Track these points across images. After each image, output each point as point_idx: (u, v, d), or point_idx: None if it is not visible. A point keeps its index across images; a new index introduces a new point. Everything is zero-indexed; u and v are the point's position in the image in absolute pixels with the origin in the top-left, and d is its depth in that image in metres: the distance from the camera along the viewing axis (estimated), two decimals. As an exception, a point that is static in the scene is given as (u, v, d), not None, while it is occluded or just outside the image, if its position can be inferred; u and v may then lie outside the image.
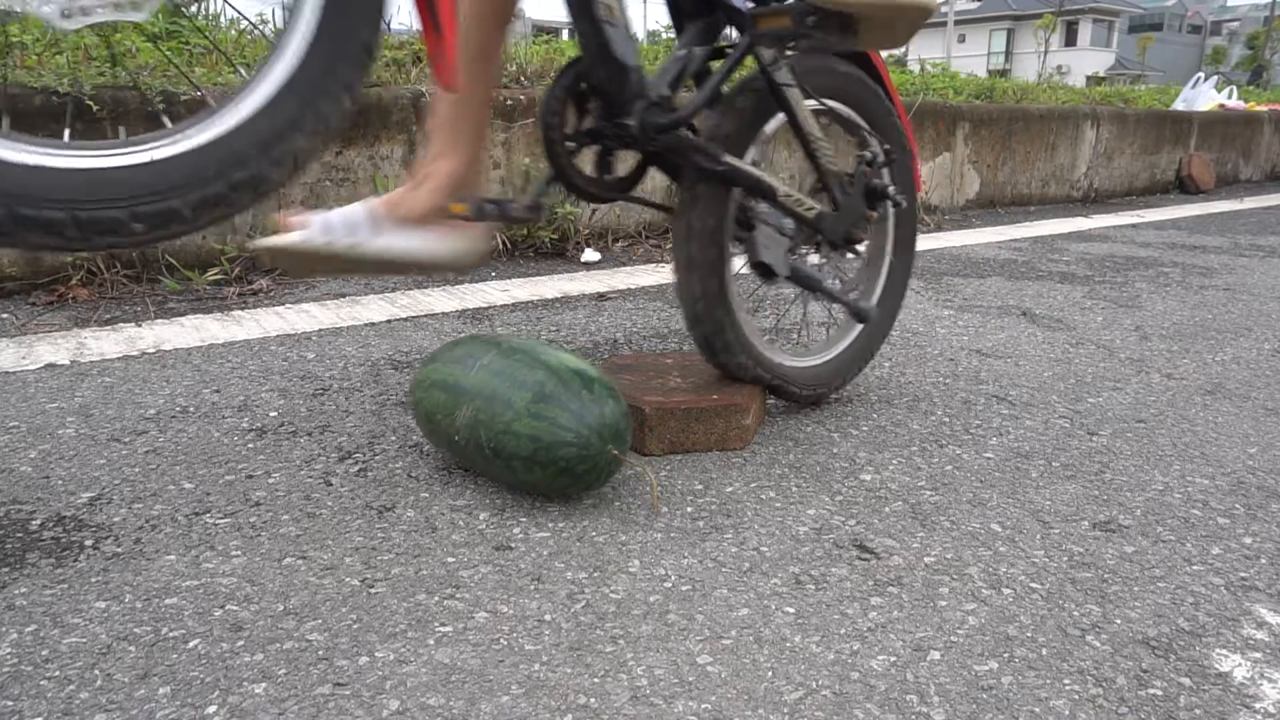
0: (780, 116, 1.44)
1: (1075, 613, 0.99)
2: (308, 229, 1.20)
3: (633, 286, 2.69)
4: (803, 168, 4.00)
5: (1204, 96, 7.63)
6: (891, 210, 1.67)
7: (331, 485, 1.27)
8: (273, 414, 1.55)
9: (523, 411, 1.13)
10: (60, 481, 1.27)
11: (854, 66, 1.53)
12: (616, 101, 1.27)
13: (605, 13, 1.21)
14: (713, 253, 1.36)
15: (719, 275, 1.38)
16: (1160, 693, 0.86)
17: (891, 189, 1.51)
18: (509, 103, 3.06)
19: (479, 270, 2.86)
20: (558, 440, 1.11)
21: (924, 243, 3.73)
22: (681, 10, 1.43)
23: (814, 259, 1.52)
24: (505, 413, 1.14)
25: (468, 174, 1.37)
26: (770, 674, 0.88)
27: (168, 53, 2.72)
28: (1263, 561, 1.12)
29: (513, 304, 2.42)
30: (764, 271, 1.35)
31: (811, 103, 1.46)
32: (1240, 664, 0.91)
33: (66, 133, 2.28)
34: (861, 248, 1.58)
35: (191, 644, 0.90)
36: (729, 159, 1.34)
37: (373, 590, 1.01)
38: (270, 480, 1.29)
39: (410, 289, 2.55)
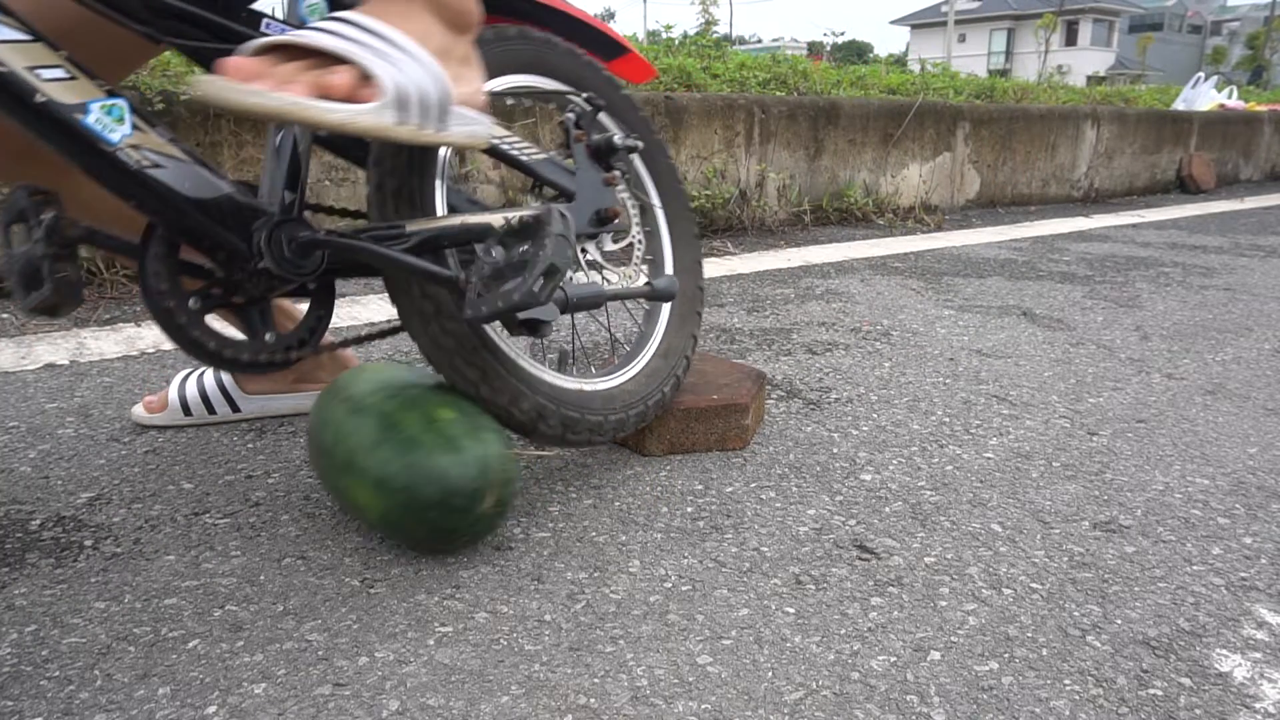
0: None
1: (1076, 613, 0.99)
2: (375, 102, 0.80)
3: (633, 286, 2.69)
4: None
5: (1204, 96, 7.63)
6: (637, 159, 1.44)
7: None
8: (273, 414, 1.54)
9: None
10: (60, 482, 1.27)
11: (501, 25, 1.25)
12: (228, 245, 0.95)
13: (137, 159, 0.86)
14: (459, 339, 1.09)
15: (477, 346, 1.12)
16: (1160, 693, 0.86)
17: (617, 136, 1.27)
18: (509, 102, 3.05)
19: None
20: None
21: (924, 243, 3.73)
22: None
23: (590, 253, 1.34)
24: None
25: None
26: (770, 674, 0.87)
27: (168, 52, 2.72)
28: (1263, 561, 1.12)
29: (513, 304, 2.41)
30: (532, 329, 1.03)
31: None
32: (1240, 664, 0.91)
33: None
34: (629, 220, 1.37)
35: (191, 644, 0.90)
36: (417, 225, 1.02)
37: (373, 590, 1.01)
38: (270, 480, 1.29)
39: (410, 289, 2.54)
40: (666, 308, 1.45)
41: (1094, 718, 0.82)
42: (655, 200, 1.47)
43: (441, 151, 1.13)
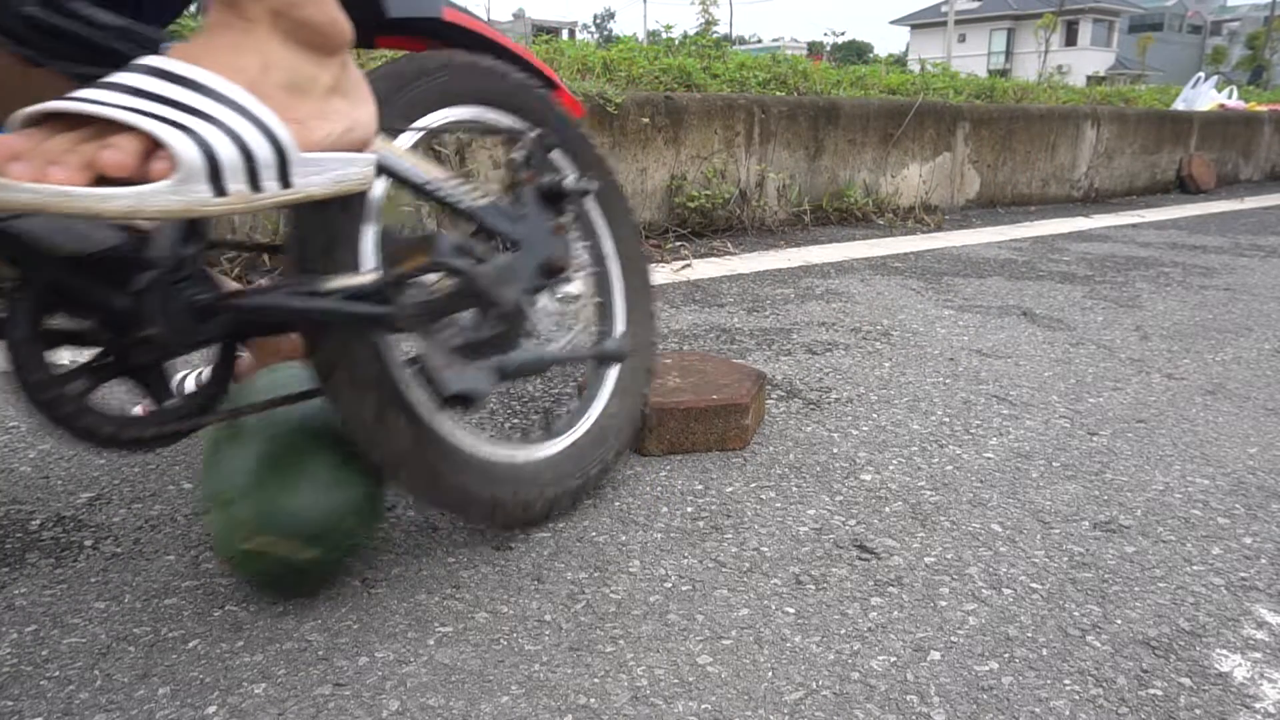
0: (380, 181, 0.99)
1: (1075, 613, 0.99)
2: (169, 179, 0.63)
3: (633, 286, 2.69)
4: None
5: (1204, 96, 7.64)
6: (591, 201, 1.33)
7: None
8: (273, 414, 1.54)
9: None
10: (60, 482, 1.27)
11: (448, 53, 1.12)
12: (108, 308, 0.81)
13: None
14: (381, 406, 0.97)
15: (401, 416, 0.99)
16: (1160, 693, 0.86)
17: (569, 178, 1.15)
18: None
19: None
20: None
21: (924, 243, 3.73)
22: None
23: (543, 304, 1.18)
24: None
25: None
26: (770, 674, 0.87)
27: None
28: (1263, 561, 1.12)
29: (513, 304, 2.41)
30: (465, 402, 0.94)
31: (409, 137, 1.06)
32: (1240, 664, 0.91)
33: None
34: (576, 273, 1.22)
35: (191, 644, 0.90)
36: (338, 282, 0.88)
37: (373, 590, 1.01)
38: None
39: (410, 289, 2.54)
40: (616, 366, 1.33)
41: (1094, 718, 0.82)
42: (609, 247, 1.36)
43: (375, 189, 0.99)
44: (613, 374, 1.32)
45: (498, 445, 1.12)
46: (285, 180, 0.71)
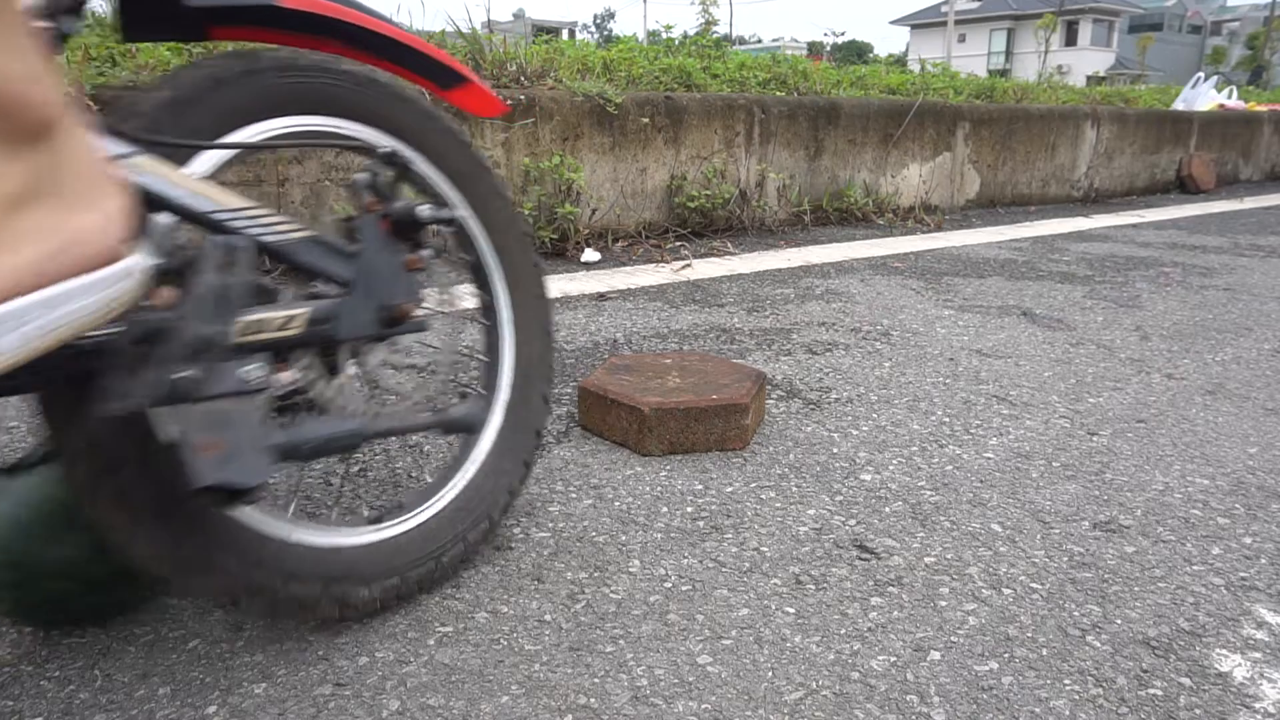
0: (163, 218, 0.77)
1: (1075, 613, 0.99)
2: None
3: (633, 286, 2.69)
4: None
5: (1204, 96, 7.63)
6: (478, 232, 1.12)
7: (332, 485, 1.27)
8: (273, 414, 1.54)
9: None
10: (60, 481, 1.27)
11: (284, 50, 0.95)
12: None
13: None
14: (141, 485, 0.79)
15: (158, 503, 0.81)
16: (1160, 693, 0.86)
17: (424, 207, 0.96)
18: (509, 102, 3.06)
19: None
20: None
21: (924, 243, 3.73)
22: None
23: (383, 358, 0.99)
24: None
25: None
26: (770, 674, 0.87)
27: (167, 52, 2.72)
28: (1263, 561, 1.12)
29: (513, 304, 2.41)
30: (225, 498, 0.75)
31: (208, 162, 0.87)
32: (1240, 664, 0.91)
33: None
34: (450, 312, 1.04)
35: (191, 644, 0.90)
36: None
37: (373, 590, 1.01)
38: (270, 480, 1.29)
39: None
40: (493, 425, 1.12)
41: (1094, 718, 0.82)
42: (499, 285, 1.14)
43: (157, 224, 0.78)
44: (486, 438, 1.10)
45: (313, 529, 0.92)
46: None
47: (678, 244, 3.47)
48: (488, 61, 3.36)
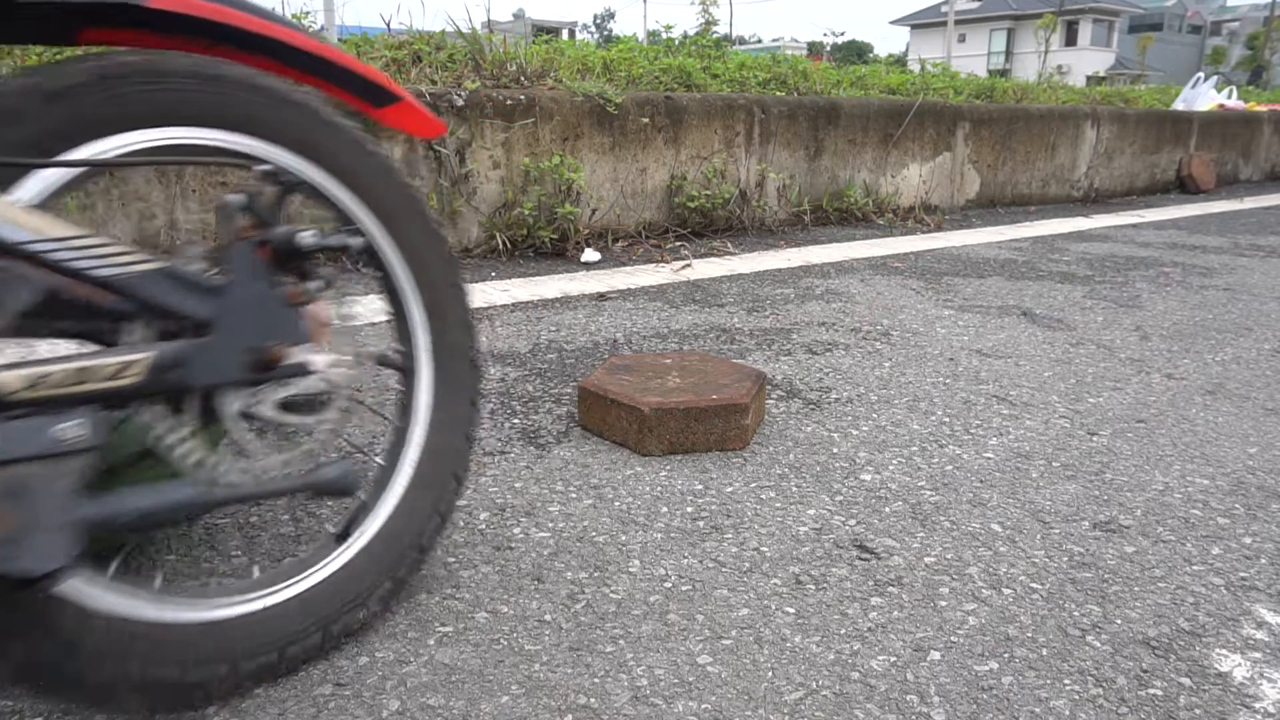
0: None
1: (1075, 613, 0.99)
2: None
3: (633, 286, 2.69)
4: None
5: (1204, 96, 7.63)
6: (394, 258, 1.00)
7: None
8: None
9: None
10: (60, 481, 1.27)
11: (155, 54, 0.84)
12: None
13: None
14: None
15: None
16: (1160, 693, 0.86)
17: (306, 233, 0.86)
18: (509, 103, 3.06)
19: (479, 270, 2.86)
20: None
21: (924, 243, 3.73)
22: None
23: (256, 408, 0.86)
24: None
25: None
26: (770, 674, 0.87)
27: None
28: (1263, 561, 1.12)
29: (513, 304, 2.42)
30: (10, 586, 0.67)
31: (41, 184, 0.76)
32: (1240, 664, 0.91)
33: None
34: (319, 361, 0.88)
35: (191, 644, 0.90)
36: None
37: (373, 590, 1.01)
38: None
39: (410, 289, 2.54)
40: (409, 461, 0.99)
41: (1094, 718, 0.82)
42: (417, 318, 1.01)
43: None
44: (396, 488, 0.98)
45: (168, 603, 0.80)
46: None
47: (678, 244, 3.47)
48: (488, 61, 3.36)
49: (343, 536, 0.94)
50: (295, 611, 0.86)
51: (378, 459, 0.96)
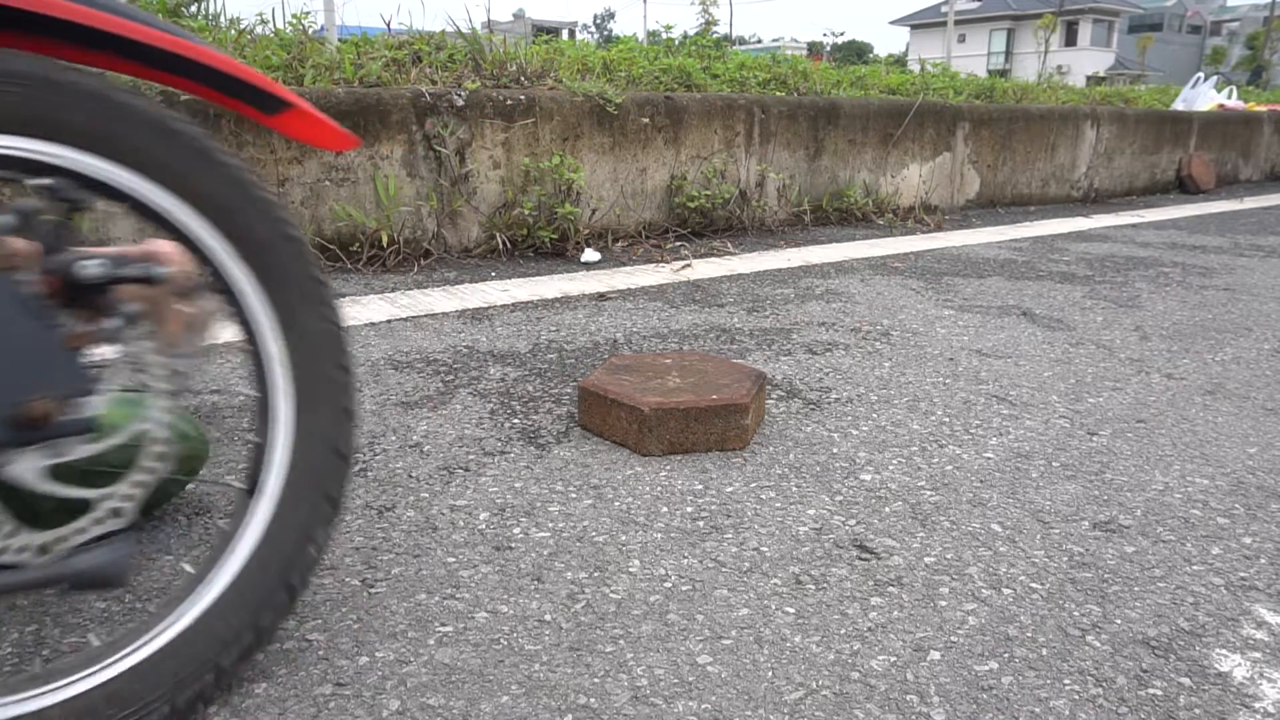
0: None
1: (1075, 613, 0.99)
2: None
3: (633, 286, 2.69)
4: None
5: (1204, 96, 7.63)
6: (245, 285, 0.83)
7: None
8: (273, 414, 1.54)
9: None
10: (60, 481, 1.27)
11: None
12: None
13: None
14: None
15: None
16: (1160, 693, 0.86)
17: (93, 264, 0.75)
18: (509, 103, 3.06)
19: (479, 270, 2.86)
20: None
21: (924, 243, 3.73)
22: None
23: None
24: None
25: None
26: (770, 674, 0.88)
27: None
28: (1262, 561, 1.12)
29: (513, 304, 2.42)
30: None
31: None
32: (1240, 664, 0.91)
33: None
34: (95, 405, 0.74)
35: (192, 644, 0.90)
36: None
37: (373, 590, 1.01)
38: None
39: (410, 289, 2.54)
40: (258, 518, 0.83)
41: (1094, 717, 0.82)
42: (276, 357, 0.85)
43: None
44: (235, 560, 0.82)
45: None
46: None
47: (678, 244, 3.47)
48: (488, 62, 3.36)
49: (199, 580, 0.80)
50: (129, 687, 0.74)
51: (236, 484, 0.82)
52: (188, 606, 0.78)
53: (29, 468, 0.72)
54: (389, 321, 2.18)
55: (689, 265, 3.07)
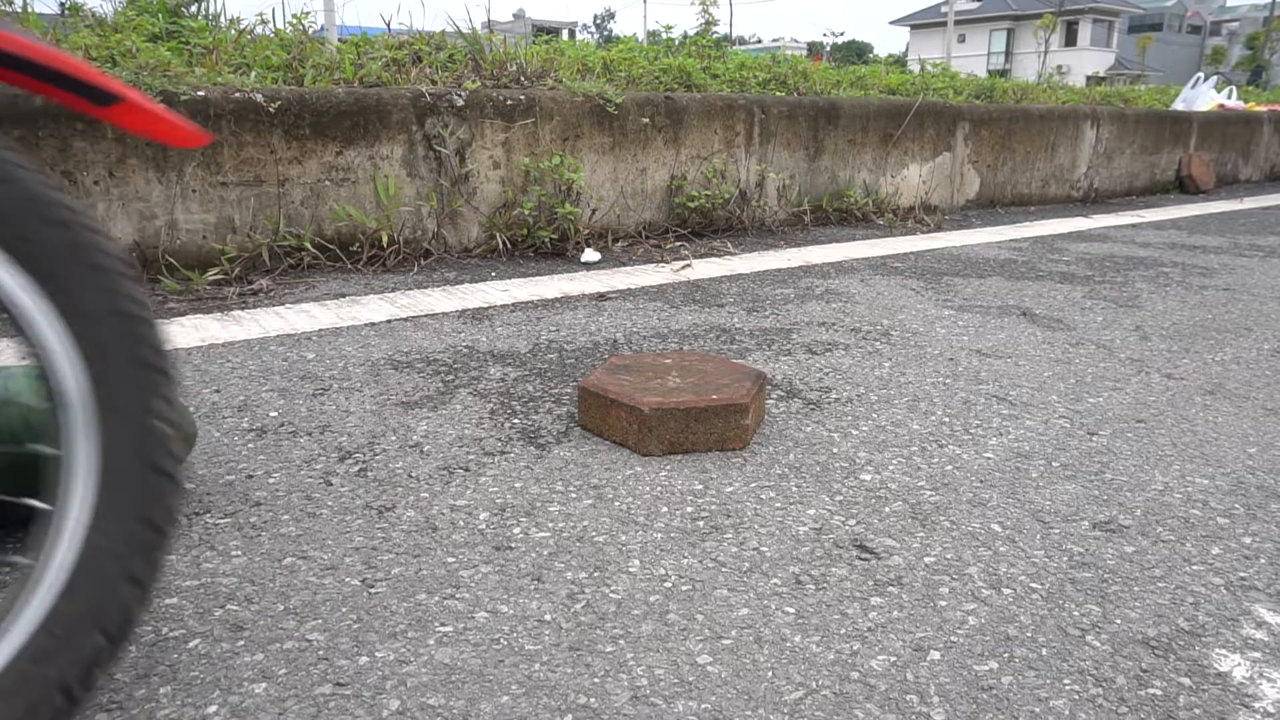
0: None
1: (1075, 613, 0.99)
2: None
3: (633, 286, 2.69)
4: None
5: (1204, 96, 7.63)
6: (40, 304, 0.69)
7: (331, 485, 1.27)
8: (273, 414, 1.55)
9: None
10: (60, 481, 1.27)
11: None
12: None
13: None
14: None
15: None
16: (1160, 693, 0.86)
17: None
18: (509, 103, 3.06)
19: (479, 270, 2.86)
20: None
21: (924, 243, 3.73)
22: None
23: None
24: None
25: None
26: (770, 674, 0.88)
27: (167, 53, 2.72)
28: (1262, 561, 1.12)
29: (513, 304, 2.42)
30: None
31: None
32: (1240, 664, 0.91)
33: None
34: None
35: (192, 644, 0.91)
36: None
37: (373, 590, 1.01)
38: (270, 480, 1.29)
39: (410, 289, 2.54)
40: (57, 565, 0.69)
41: (1094, 717, 0.82)
42: (72, 385, 0.70)
43: None
44: (35, 603, 0.68)
45: None
46: None
47: (678, 244, 3.47)
48: (488, 62, 3.36)
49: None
50: None
51: (21, 558, 0.70)
52: None
53: None
54: (389, 321, 2.19)
55: (689, 265, 3.07)
